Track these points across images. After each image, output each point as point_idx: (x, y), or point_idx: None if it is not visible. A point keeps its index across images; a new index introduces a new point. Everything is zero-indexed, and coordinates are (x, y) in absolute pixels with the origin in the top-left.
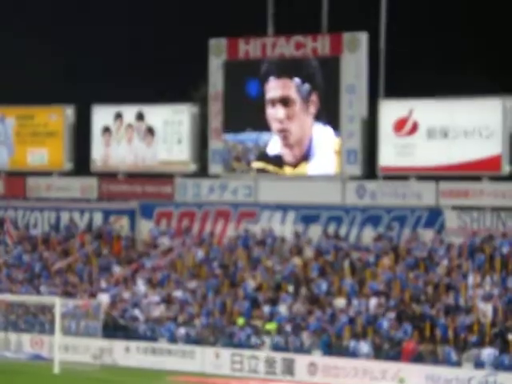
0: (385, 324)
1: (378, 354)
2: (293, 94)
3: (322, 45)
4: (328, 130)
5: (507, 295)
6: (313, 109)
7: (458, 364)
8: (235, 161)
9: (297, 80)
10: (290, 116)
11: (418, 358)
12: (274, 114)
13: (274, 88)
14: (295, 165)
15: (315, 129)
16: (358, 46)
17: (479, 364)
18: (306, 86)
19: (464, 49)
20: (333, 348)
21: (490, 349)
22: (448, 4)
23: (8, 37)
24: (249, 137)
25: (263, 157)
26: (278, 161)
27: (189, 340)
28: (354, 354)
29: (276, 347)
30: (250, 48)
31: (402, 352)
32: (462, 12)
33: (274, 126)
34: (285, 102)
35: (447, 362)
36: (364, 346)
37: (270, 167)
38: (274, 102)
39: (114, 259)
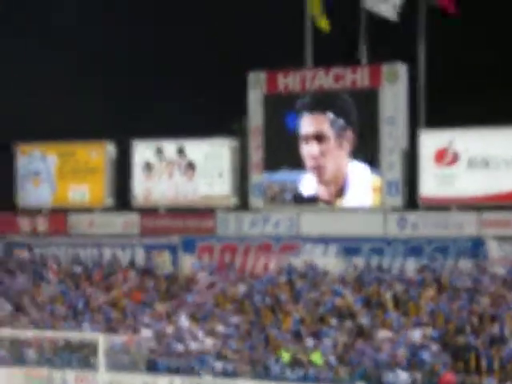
0: (426, 355)
1: None
2: (326, 129)
3: (361, 76)
4: (365, 167)
5: None
6: (348, 145)
7: None
8: (272, 200)
9: (330, 115)
10: (324, 152)
11: None
12: (308, 150)
13: (308, 124)
14: (330, 203)
15: (351, 165)
16: (398, 77)
17: None
18: (340, 121)
19: (502, 76)
20: (372, 380)
21: None
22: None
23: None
24: (285, 176)
25: (298, 197)
26: (312, 200)
27: (232, 374)
28: None
29: (320, 380)
30: (288, 81)
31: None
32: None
33: (308, 162)
34: (318, 137)
35: None
36: (402, 377)
37: (305, 207)
38: (307, 139)
39: (156, 294)
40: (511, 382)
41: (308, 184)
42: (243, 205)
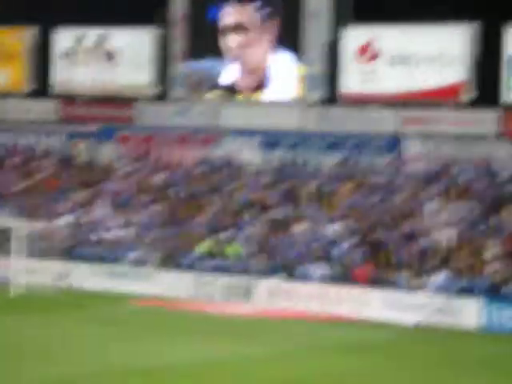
0: (341, 249)
1: (332, 278)
2: (247, 20)
3: None
4: (289, 57)
5: (466, 222)
6: (272, 34)
7: (414, 289)
8: (192, 89)
9: (255, 4)
10: (244, 43)
11: (373, 284)
12: (228, 41)
13: (229, 14)
14: (251, 92)
15: (275, 55)
16: None
17: (434, 290)
18: (266, 10)
19: None
20: (287, 272)
21: (441, 275)
22: None
23: None
24: (207, 64)
25: (217, 86)
26: (232, 90)
27: (147, 263)
28: (308, 278)
29: (235, 271)
30: None
31: (356, 277)
32: None
33: (229, 53)
34: (238, 28)
35: (401, 287)
36: (319, 271)
37: (225, 96)
38: (227, 30)
39: (73, 183)
40: (423, 276)
41: (230, 74)
42: (164, 95)
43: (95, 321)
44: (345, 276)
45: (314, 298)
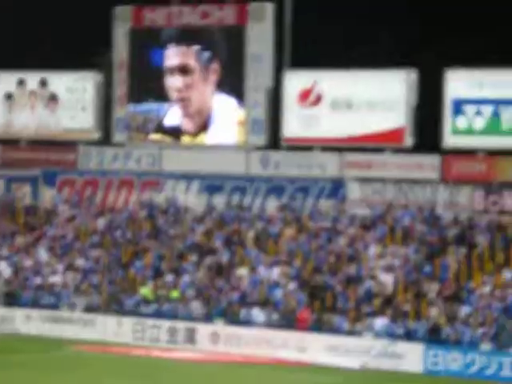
0: (282, 293)
1: (272, 323)
2: (192, 62)
3: (227, 14)
4: (231, 101)
5: (407, 266)
6: (214, 78)
7: (353, 333)
8: (135, 131)
9: (196, 47)
10: (188, 85)
11: (314, 328)
12: (173, 82)
13: (173, 56)
14: (194, 135)
15: (217, 99)
16: (264, 16)
17: (375, 333)
18: (207, 54)
19: (370, 21)
20: (229, 317)
21: (383, 318)
22: None
23: None
24: (149, 107)
25: (161, 128)
26: (175, 132)
27: (91, 309)
28: (250, 323)
29: (179, 316)
30: (155, 16)
31: (297, 321)
32: None
33: (173, 95)
34: (183, 70)
35: (342, 331)
36: (259, 315)
37: (168, 139)
38: (172, 71)
39: (15, 227)
40: (365, 319)
41: (172, 116)
42: (106, 139)
43: (26, 365)
44: (286, 320)
45: (257, 342)
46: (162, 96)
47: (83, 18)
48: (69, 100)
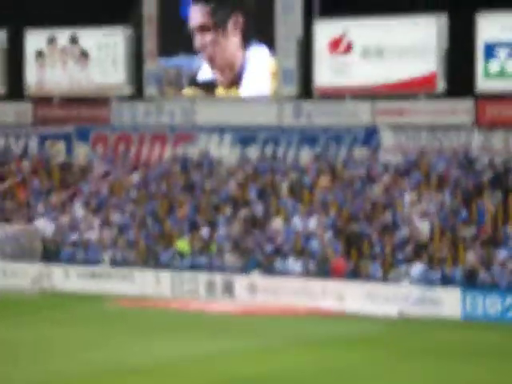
0: (317, 243)
1: (309, 272)
2: (207, 20)
3: None
4: (263, 50)
5: (443, 211)
6: (236, 31)
7: (390, 281)
8: (168, 86)
9: (212, 4)
10: (210, 42)
11: (350, 277)
12: (197, 41)
13: (194, 15)
14: (227, 89)
15: (247, 51)
16: None
17: (412, 280)
18: (222, 10)
19: None
20: (265, 268)
21: (419, 265)
22: None
23: None
24: (181, 61)
25: (194, 82)
26: (209, 86)
27: (128, 263)
28: (286, 273)
29: (216, 268)
30: None
31: (333, 270)
32: None
33: (201, 52)
34: (202, 29)
35: (379, 279)
36: (295, 266)
37: (201, 93)
38: (195, 30)
39: (50, 184)
40: (401, 267)
41: (205, 70)
42: (138, 94)
43: (74, 322)
44: (323, 269)
45: (295, 292)
46: (192, 50)
47: None
48: (99, 56)
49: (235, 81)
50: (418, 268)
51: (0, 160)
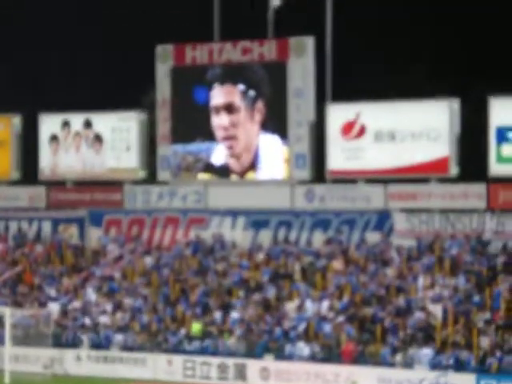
0: (329, 327)
1: (319, 356)
2: (237, 100)
3: (268, 50)
4: (275, 139)
5: (457, 296)
6: (259, 116)
7: (404, 365)
8: (184, 171)
9: (241, 86)
10: (234, 123)
11: (360, 361)
12: (219, 121)
13: (218, 95)
14: (242, 174)
15: (262, 138)
16: (305, 50)
17: (426, 365)
18: (251, 93)
19: (410, 51)
20: (278, 352)
21: (433, 349)
22: (394, 8)
23: None
24: (198, 147)
25: (209, 167)
26: (224, 171)
27: (140, 347)
28: (297, 358)
29: (229, 352)
30: (196, 54)
31: (343, 354)
32: (408, 15)
33: (219, 134)
34: (229, 108)
35: (392, 363)
36: (305, 349)
37: (216, 178)
38: (218, 110)
39: (63, 268)
40: (413, 351)
41: (219, 154)
42: (151, 178)
43: None
44: (332, 353)
45: (307, 376)
46: (207, 135)
47: (126, 57)
48: (113, 140)
49: (250, 167)
50: (431, 353)
51: (13, 244)
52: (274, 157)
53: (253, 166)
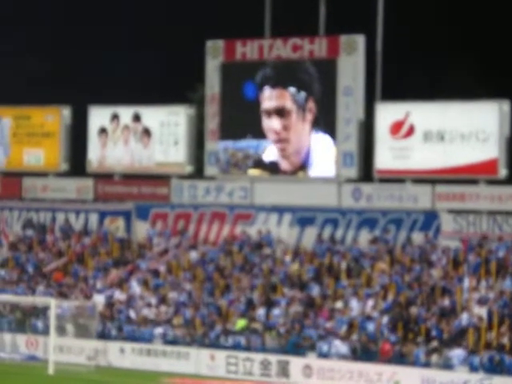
0: (373, 326)
1: (355, 354)
2: (288, 104)
3: (319, 47)
4: (326, 138)
5: (502, 299)
6: (310, 116)
7: (447, 367)
8: (233, 167)
9: (292, 89)
10: (286, 127)
11: (400, 361)
12: (270, 125)
13: (269, 98)
14: (292, 173)
15: (313, 137)
16: (355, 48)
17: (470, 367)
18: (302, 94)
19: (462, 52)
20: (320, 350)
21: (477, 352)
22: (446, 8)
23: (6, 36)
24: (248, 144)
25: (259, 164)
26: (274, 168)
27: (184, 342)
28: (340, 356)
29: (272, 349)
30: (247, 50)
31: (382, 353)
32: (460, 15)
33: (271, 136)
34: (280, 112)
35: (436, 365)
36: (344, 347)
37: (266, 175)
38: (269, 113)
39: (109, 260)
40: (458, 353)
41: (270, 154)
42: (198, 173)
43: None
44: (376, 353)
45: (350, 375)
46: (257, 132)
47: (176, 52)
48: (161, 134)
49: (300, 167)
50: (475, 355)
51: (60, 235)
52: (325, 156)
53: (304, 165)
